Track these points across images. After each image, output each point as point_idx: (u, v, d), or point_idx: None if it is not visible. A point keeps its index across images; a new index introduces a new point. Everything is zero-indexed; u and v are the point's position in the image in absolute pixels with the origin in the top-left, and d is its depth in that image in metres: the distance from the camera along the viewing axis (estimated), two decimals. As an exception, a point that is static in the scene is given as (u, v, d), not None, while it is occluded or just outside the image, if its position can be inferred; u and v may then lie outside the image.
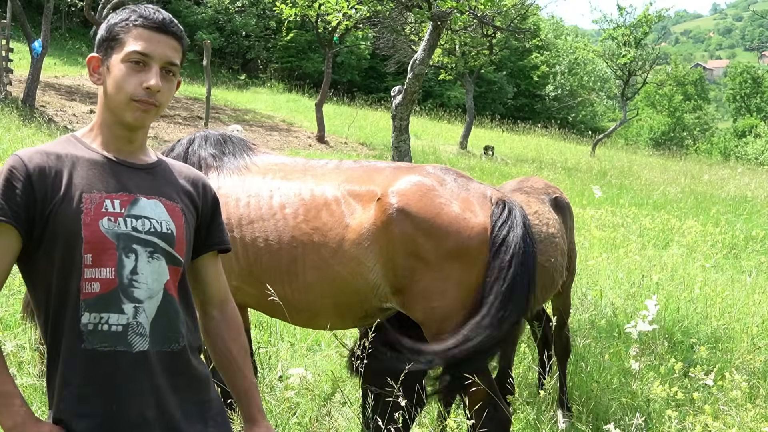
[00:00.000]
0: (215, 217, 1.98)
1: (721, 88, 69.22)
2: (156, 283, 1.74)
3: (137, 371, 1.70)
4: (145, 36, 1.73)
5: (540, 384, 4.41)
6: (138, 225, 1.73)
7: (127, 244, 1.71)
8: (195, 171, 1.99)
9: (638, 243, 8.81)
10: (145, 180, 1.80)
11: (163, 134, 15.45)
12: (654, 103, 49.32)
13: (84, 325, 1.67)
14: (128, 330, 1.69)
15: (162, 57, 1.74)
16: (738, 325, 5.83)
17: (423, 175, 2.99)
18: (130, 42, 1.73)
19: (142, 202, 1.76)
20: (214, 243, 1.97)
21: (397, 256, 2.86)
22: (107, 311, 1.68)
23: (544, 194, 4.12)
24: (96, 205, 1.70)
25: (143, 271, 1.72)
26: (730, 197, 14.69)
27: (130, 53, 1.73)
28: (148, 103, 1.73)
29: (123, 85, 1.73)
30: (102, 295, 1.68)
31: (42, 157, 1.71)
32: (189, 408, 1.79)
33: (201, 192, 1.93)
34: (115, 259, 1.69)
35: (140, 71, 1.73)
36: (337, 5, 10.27)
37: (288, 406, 3.71)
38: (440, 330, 2.91)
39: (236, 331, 1.99)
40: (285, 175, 3.20)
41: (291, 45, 32.28)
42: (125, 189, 1.75)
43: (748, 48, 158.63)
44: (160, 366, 1.73)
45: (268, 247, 3.03)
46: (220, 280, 2.01)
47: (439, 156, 17.75)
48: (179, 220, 1.82)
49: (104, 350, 1.68)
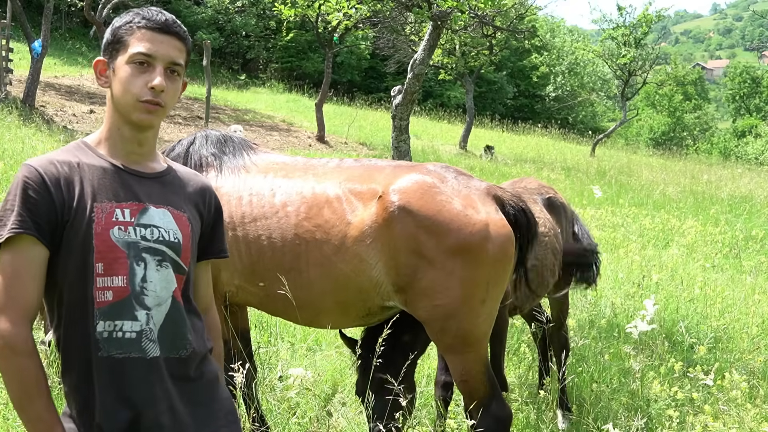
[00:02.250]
0: (217, 225, 2.01)
1: (721, 88, 69.17)
2: (164, 291, 1.77)
3: (152, 377, 1.73)
4: (149, 37, 1.76)
5: (540, 384, 4.41)
6: (147, 234, 1.76)
7: (137, 252, 1.74)
8: (202, 179, 2.02)
9: (638, 243, 8.81)
10: (154, 188, 1.83)
11: (163, 134, 15.44)
12: (654, 103, 49.33)
13: (99, 333, 1.70)
14: (142, 336, 1.73)
15: (165, 57, 1.76)
16: (738, 325, 5.83)
17: (424, 173, 3.00)
18: (134, 44, 1.76)
19: (151, 211, 1.79)
20: (213, 251, 2.01)
21: (399, 254, 2.86)
22: (121, 319, 1.71)
23: (537, 194, 4.14)
24: (107, 215, 1.72)
25: (152, 279, 1.75)
26: (729, 197, 14.69)
27: (134, 54, 1.75)
28: (154, 103, 1.75)
29: (128, 86, 1.75)
30: (115, 303, 1.71)
31: (55, 167, 1.73)
32: (199, 413, 1.82)
33: (207, 201, 1.97)
34: (126, 267, 1.72)
35: (145, 72, 1.75)
36: (337, 5, 10.27)
37: (288, 406, 3.71)
38: (444, 328, 2.91)
39: (216, 339, 2.03)
40: (286, 173, 3.20)
41: (291, 45, 32.29)
42: (135, 198, 1.78)
43: (748, 48, 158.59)
44: (169, 372, 1.76)
45: (271, 245, 3.03)
46: (209, 288, 2.05)
47: (439, 156, 17.75)
48: (186, 230, 1.85)
49: (120, 357, 1.70)
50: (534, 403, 4.17)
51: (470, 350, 2.94)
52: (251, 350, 3.60)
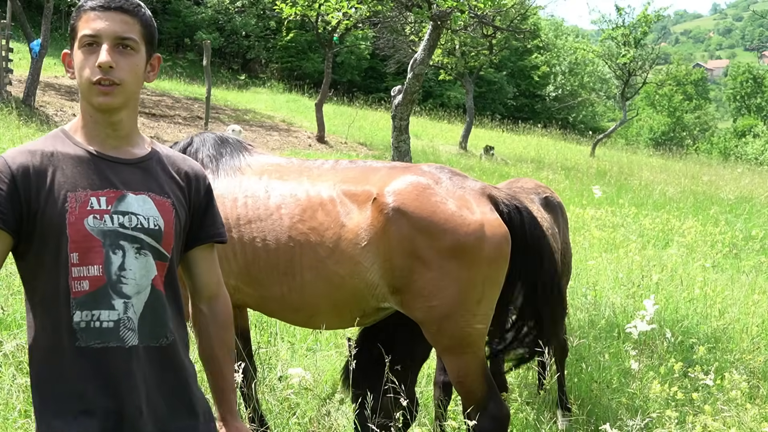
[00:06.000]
0: (209, 208, 1.95)
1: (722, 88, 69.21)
2: (144, 279, 1.74)
3: (131, 366, 1.71)
4: (93, 17, 1.72)
5: (540, 384, 4.41)
6: (125, 221, 1.73)
7: (114, 240, 1.71)
8: (190, 161, 1.97)
9: (638, 243, 8.80)
10: (133, 175, 1.79)
11: (163, 134, 15.45)
12: (654, 103, 49.35)
13: (77, 323, 1.68)
14: (120, 325, 1.71)
15: (110, 33, 1.72)
16: (738, 325, 5.82)
17: (419, 174, 2.99)
18: (81, 27, 1.73)
19: (129, 198, 1.75)
20: (207, 236, 1.95)
21: (394, 256, 2.86)
22: (98, 308, 1.69)
23: (534, 194, 4.15)
24: (81, 204, 1.70)
25: (131, 267, 1.72)
26: (729, 197, 14.69)
27: (81, 38, 1.72)
28: (107, 83, 1.71)
29: (81, 71, 1.73)
30: (92, 293, 1.69)
31: (26, 156, 1.71)
32: (176, 405, 1.80)
33: (194, 184, 1.91)
34: (102, 256, 1.70)
35: (93, 53, 1.72)
36: (337, 5, 10.26)
37: (288, 406, 3.71)
38: (440, 329, 2.91)
39: (222, 328, 1.98)
40: (281, 175, 3.20)
41: (291, 45, 32.28)
42: (112, 185, 1.74)
43: (748, 48, 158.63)
44: (148, 361, 1.74)
45: (265, 247, 3.03)
46: (211, 274, 1.98)
47: (439, 156, 17.75)
48: (169, 216, 1.80)
49: (98, 347, 1.69)
50: (533, 403, 4.17)
51: (467, 351, 2.93)
52: (251, 350, 3.61)
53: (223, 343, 1.97)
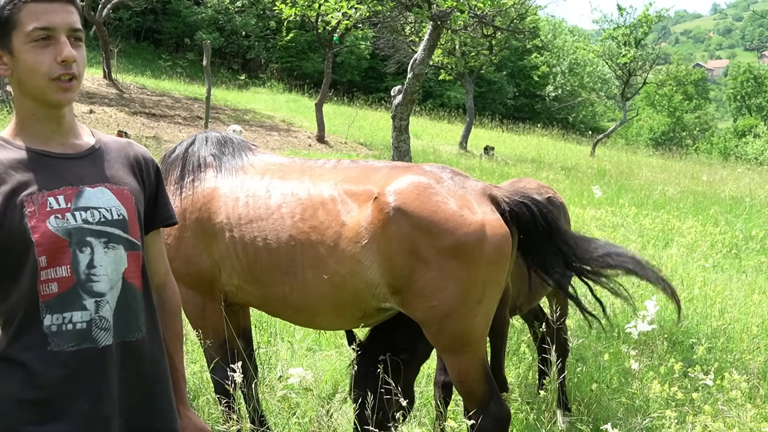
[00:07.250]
0: (159, 191, 1.92)
1: (722, 88, 69.22)
2: (115, 273, 1.71)
3: (105, 366, 1.68)
4: (40, 9, 1.63)
5: (540, 384, 4.41)
6: (88, 217, 1.69)
7: (80, 238, 1.67)
8: (136, 145, 1.93)
9: (638, 243, 8.81)
10: (86, 168, 1.74)
11: (163, 134, 15.44)
12: (654, 103, 49.35)
13: (47, 327, 1.64)
14: (92, 326, 1.67)
15: (65, 25, 1.65)
16: (738, 325, 5.82)
17: (420, 174, 2.99)
18: (26, 21, 1.63)
19: (87, 192, 1.71)
20: (160, 219, 1.92)
21: (395, 255, 2.86)
22: (69, 310, 1.65)
23: (536, 194, 4.14)
24: (40, 206, 1.65)
25: (101, 263, 1.69)
26: (729, 197, 14.69)
27: (32, 32, 1.63)
28: (69, 78, 1.66)
29: (36, 67, 1.64)
30: (61, 295, 1.65)
31: None
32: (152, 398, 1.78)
33: (144, 167, 1.88)
34: (69, 255, 1.65)
35: (48, 47, 1.64)
36: (337, 5, 10.27)
37: (288, 406, 3.71)
38: (441, 329, 2.91)
39: (171, 316, 1.95)
40: (283, 174, 3.21)
41: (291, 45, 32.29)
42: (66, 182, 1.69)
43: (748, 48, 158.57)
44: (122, 356, 1.71)
45: (267, 247, 3.03)
46: (160, 261, 1.95)
47: (439, 156, 17.75)
48: (129, 203, 1.77)
49: (71, 350, 1.65)
50: (534, 403, 4.17)
51: (468, 350, 2.93)
52: (252, 350, 3.61)
53: (174, 332, 1.94)
